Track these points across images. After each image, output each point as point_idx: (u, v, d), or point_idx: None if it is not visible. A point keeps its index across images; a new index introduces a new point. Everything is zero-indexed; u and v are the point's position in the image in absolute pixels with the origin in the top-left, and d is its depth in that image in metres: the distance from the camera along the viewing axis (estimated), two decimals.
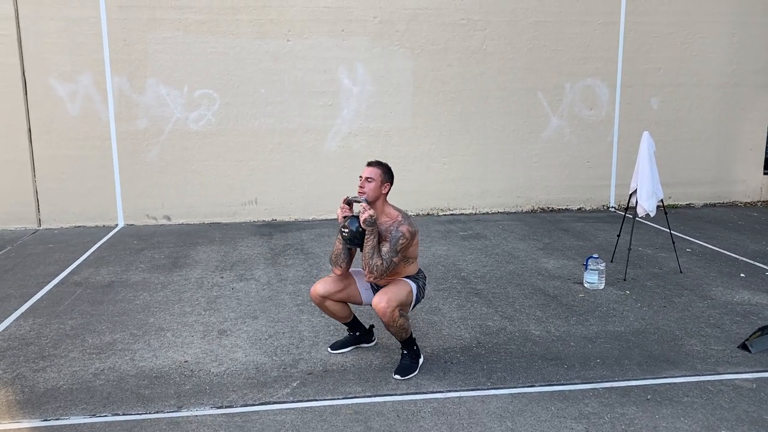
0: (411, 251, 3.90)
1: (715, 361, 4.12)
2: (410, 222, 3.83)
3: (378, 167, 3.88)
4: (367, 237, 3.77)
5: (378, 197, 3.87)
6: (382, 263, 3.73)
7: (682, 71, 9.07)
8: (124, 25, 7.86)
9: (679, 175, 9.30)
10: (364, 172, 3.87)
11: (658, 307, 5.12)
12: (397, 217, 3.85)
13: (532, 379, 3.88)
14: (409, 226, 3.79)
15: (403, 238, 3.76)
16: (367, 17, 8.28)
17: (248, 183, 8.43)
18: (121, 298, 5.38)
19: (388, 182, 3.91)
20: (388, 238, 3.79)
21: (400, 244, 3.75)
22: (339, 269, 3.97)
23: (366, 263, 3.77)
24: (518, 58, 8.66)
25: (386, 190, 3.90)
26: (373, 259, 3.74)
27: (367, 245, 3.76)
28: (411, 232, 3.79)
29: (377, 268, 3.73)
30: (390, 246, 3.75)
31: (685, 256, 6.54)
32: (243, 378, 3.91)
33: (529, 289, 5.58)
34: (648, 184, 5.86)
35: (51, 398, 3.67)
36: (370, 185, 3.83)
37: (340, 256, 3.96)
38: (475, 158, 8.81)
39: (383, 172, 3.88)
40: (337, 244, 3.96)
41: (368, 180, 3.84)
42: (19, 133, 7.87)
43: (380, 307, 3.72)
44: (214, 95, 8.19)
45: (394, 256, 3.75)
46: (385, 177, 3.88)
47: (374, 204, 3.86)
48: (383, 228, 3.84)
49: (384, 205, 3.91)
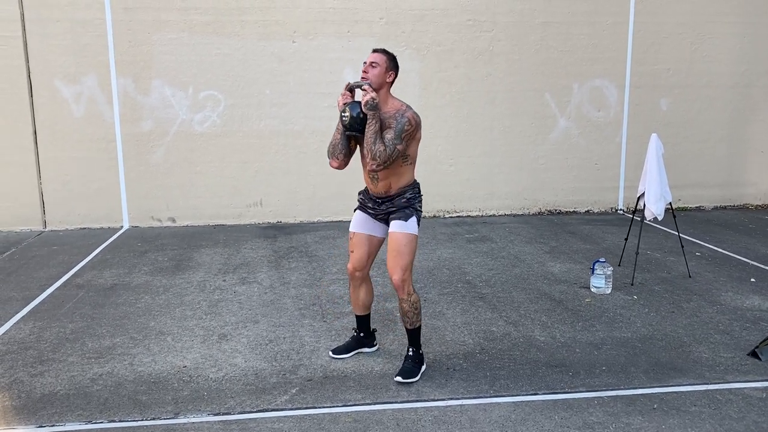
0: (411, 149, 3.75)
1: (723, 369, 4.03)
2: (415, 112, 3.71)
3: (383, 53, 3.74)
4: (369, 122, 3.61)
5: (382, 84, 3.71)
6: (385, 149, 3.58)
7: (691, 72, 8.94)
8: (129, 27, 7.84)
9: (688, 177, 9.18)
10: (369, 57, 3.73)
11: (666, 312, 5.03)
12: (401, 107, 3.72)
13: (535, 387, 3.81)
14: (414, 114, 3.68)
15: (408, 124, 3.63)
16: (373, 18, 8.22)
17: (253, 185, 8.38)
18: (123, 302, 5.35)
19: (393, 70, 3.76)
20: (392, 126, 3.65)
21: (405, 131, 3.63)
22: (336, 161, 3.81)
23: (368, 149, 3.60)
24: (525, 59, 8.57)
25: (391, 78, 3.75)
26: (376, 145, 3.58)
27: (369, 130, 3.60)
28: (416, 121, 3.67)
29: (380, 153, 3.57)
30: (395, 133, 3.62)
31: (695, 260, 6.43)
32: (242, 384, 3.86)
33: (535, 293, 5.50)
34: (656, 187, 5.77)
35: (47, 404, 3.63)
36: (375, 70, 3.68)
37: (338, 146, 3.78)
38: (482, 160, 8.73)
39: (389, 59, 3.74)
40: (335, 134, 3.78)
41: (373, 65, 3.69)
42: (24, 134, 7.87)
43: (395, 279, 3.72)
44: (219, 96, 8.15)
45: (398, 143, 3.61)
46: (390, 64, 3.74)
47: (378, 92, 3.70)
48: (386, 116, 3.69)
49: (387, 95, 3.76)
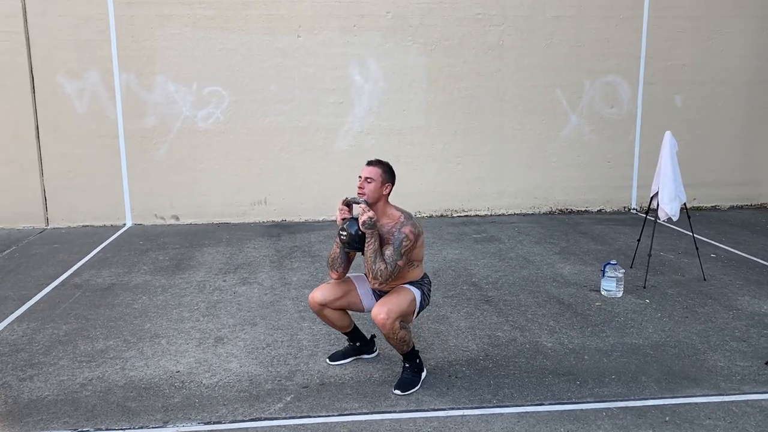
0: (416, 254, 3.67)
1: (740, 379, 3.84)
2: (413, 223, 3.61)
3: (378, 166, 3.66)
4: (367, 240, 3.55)
5: (379, 198, 3.65)
6: (386, 267, 3.51)
7: (707, 68, 8.69)
8: (132, 22, 7.72)
9: (704, 176, 8.93)
10: (363, 171, 3.65)
11: (680, 317, 4.83)
12: (399, 219, 3.63)
13: (541, 397, 3.64)
14: (412, 227, 3.58)
15: (407, 239, 3.54)
16: (379, 12, 8.04)
17: (258, 182, 8.25)
18: (120, 302, 5.23)
19: (390, 182, 3.68)
20: (390, 240, 3.57)
21: (404, 246, 3.54)
22: (336, 273, 3.78)
23: (369, 268, 3.55)
24: (536, 54, 8.36)
25: (387, 190, 3.68)
26: (376, 264, 3.52)
27: (369, 249, 3.54)
28: (415, 234, 3.57)
29: (381, 272, 3.51)
30: (393, 249, 3.54)
31: (710, 262, 6.22)
32: (235, 391, 3.72)
33: (543, 296, 5.32)
34: (670, 187, 5.56)
35: (34, 410, 3.51)
36: (370, 186, 3.61)
37: (337, 260, 3.75)
38: (491, 158, 8.54)
39: (384, 171, 3.66)
40: (334, 248, 3.76)
41: (368, 180, 3.62)
42: (26, 131, 7.77)
43: (379, 318, 3.50)
44: (223, 93, 8.02)
45: (398, 259, 3.53)
46: (386, 177, 3.66)
47: (375, 205, 3.64)
48: (385, 230, 3.62)
49: (385, 206, 3.69)
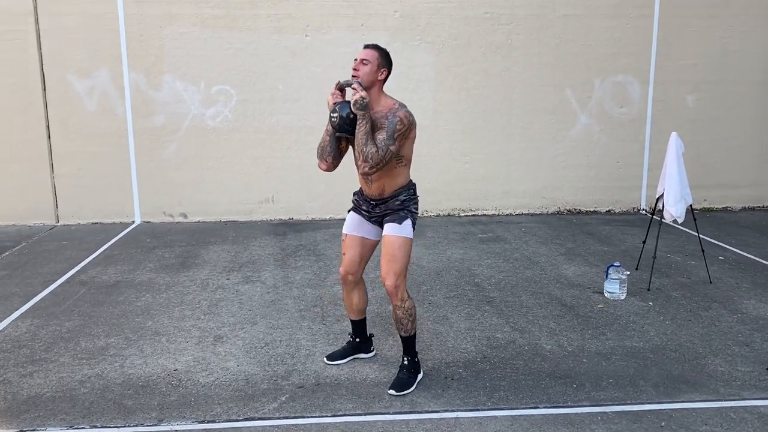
0: (406, 148, 3.58)
1: (740, 385, 3.79)
2: (408, 111, 3.53)
3: (375, 49, 3.57)
4: (359, 122, 3.44)
5: (373, 83, 3.54)
6: (377, 151, 3.42)
7: (720, 67, 8.58)
8: (141, 21, 7.77)
9: (715, 177, 8.82)
10: (359, 54, 3.56)
11: (682, 320, 4.78)
12: (393, 105, 3.55)
13: (536, 400, 3.61)
14: (406, 113, 3.50)
15: (401, 123, 3.46)
16: (387, 11, 8.03)
17: (265, 181, 8.28)
18: (123, 299, 5.27)
19: (386, 68, 3.58)
20: (384, 126, 3.48)
21: (397, 131, 3.46)
22: (324, 163, 3.69)
23: (359, 151, 3.44)
24: (545, 54, 8.31)
25: (383, 75, 3.57)
26: (367, 146, 3.41)
27: (360, 131, 3.44)
28: (409, 119, 3.50)
29: (372, 155, 3.41)
30: (386, 133, 3.45)
31: (717, 265, 6.14)
32: (231, 390, 3.73)
33: (545, 298, 5.29)
34: (676, 188, 5.52)
35: (32, 406, 3.55)
36: (365, 68, 3.51)
37: (326, 148, 3.65)
38: (499, 157, 8.49)
39: (381, 55, 3.56)
40: (324, 135, 3.65)
41: (363, 62, 3.52)
42: (37, 129, 7.86)
43: (388, 284, 3.55)
44: (231, 91, 8.05)
45: (391, 144, 3.44)
46: (382, 61, 3.56)
47: (369, 90, 3.52)
48: (378, 116, 3.52)
49: (380, 94, 3.59)
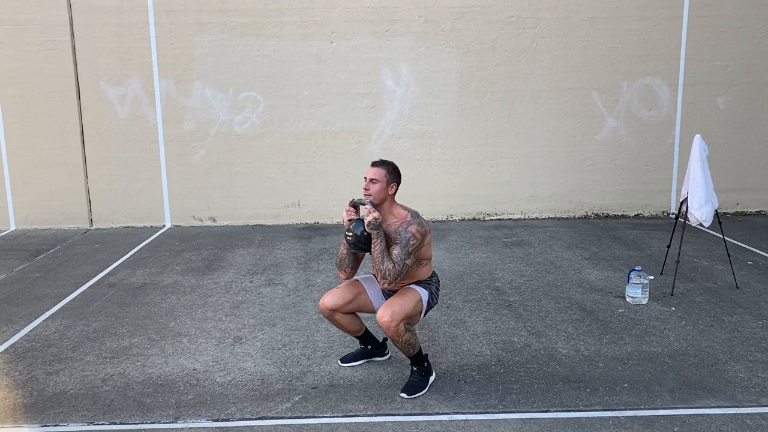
0: (423, 252, 3.69)
1: (759, 391, 3.72)
2: (420, 221, 3.63)
3: (382, 167, 3.69)
4: (374, 241, 3.58)
5: (384, 199, 3.68)
6: (394, 267, 3.54)
7: (752, 68, 8.40)
8: (172, 29, 7.98)
9: (748, 180, 8.63)
10: (368, 173, 3.68)
11: (705, 326, 4.70)
12: (405, 218, 3.65)
13: (548, 404, 3.60)
14: (418, 226, 3.60)
15: (414, 238, 3.56)
16: (411, 17, 8.08)
17: (291, 185, 8.40)
18: (149, 301, 5.42)
19: (395, 182, 3.70)
20: (397, 240, 3.60)
21: (411, 245, 3.56)
22: (344, 274, 3.85)
23: (377, 269, 3.58)
24: (571, 56, 8.25)
25: (393, 190, 3.70)
26: (384, 264, 3.55)
27: (376, 250, 3.58)
28: (421, 232, 3.59)
29: (390, 272, 3.54)
30: (401, 248, 3.56)
31: (745, 270, 6.01)
32: (246, 389, 3.81)
33: (566, 302, 5.25)
34: (701, 191, 5.42)
35: (56, 403, 3.69)
36: (375, 186, 3.64)
37: (345, 261, 3.82)
38: (524, 161, 8.46)
39: (388, 172, 3.68)
40: (342, 249, 3.82)
41: (372, 181, 3.65)
42: (72, 135, 8.13)
43: (384, 321, 3.54)
44: (258, 98, 8.20)
45: (406, 258, 3.55)
46: (390, 177, 3.68)
47: (380, 206, 3.67)
48: (391, 230, 3.65)
49: (392, 206, 3.72)
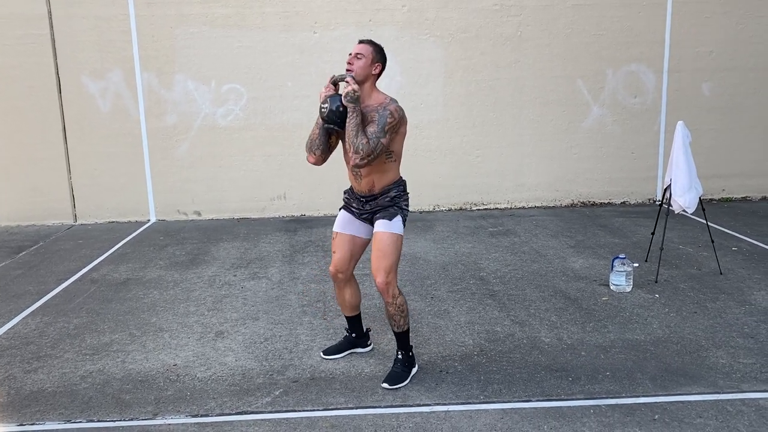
0: (396, 144, 3.58)
1: (740, 377, 3.72)
2: (399, 105, 3.55)
3: (369, 44, 3.59)
4: (349, 115, 3.44)
5: (367, 77, 3.55)
6: (368, 142, 3.42)
7: (737, 54, 8.39)
8: (152, 22, 7.88)
9: (734, 166, 8.64)
10: (354, 48, 3.58)
11: (688, 313, 4.70)
12: (384, 100, 3.56)
13: (530, 393, 3.59)
14: (397, 107, 3.52)
15: (391, 116, 3.47)
16: (395, 6, 8.02)
17: (277, 178, 8.34)
18: (132, 297, 5.37)
19: (380, 62, 3.59)
20: (374, 119, 3.49)
21: (387, 123, 3.46)
22: (313, 156, 3.67)
23: (350, 142, 3.44)
24: (555, 44, 8.21)
25: (377, 70, 3.59)
26: (358, 138, 3.42)
27: (350, 123, 3.44)
28: (399, 114, 3.51)
29: (363, 146, 3.41)
30: (377, 126, 3.47)
31: (730, 256, 6.03)
32: (227, 384, 3.78)
33: (550, 291, 5.25)
34: (684, 178, 5.43)
35: (33, 401, 3.64)
36: (359, 62, 3.52)
37: (315, 141, 3.63)
38: (510, 150, 8.43)
39: (375, 50, 3.59)
40: (314, 128, 3.64)
41: (357, 56, 3.54)
42: (54, 130, 8.03)
43: (378, 281, 3.54)
44: (242, 90, 8.12)
45: (381, 136, 3.45)
46: (376, 56, 3.58)
47: (362, 86, 3.54)
48: (369, 110, 3.52)
49: (372, 88, 3.60)
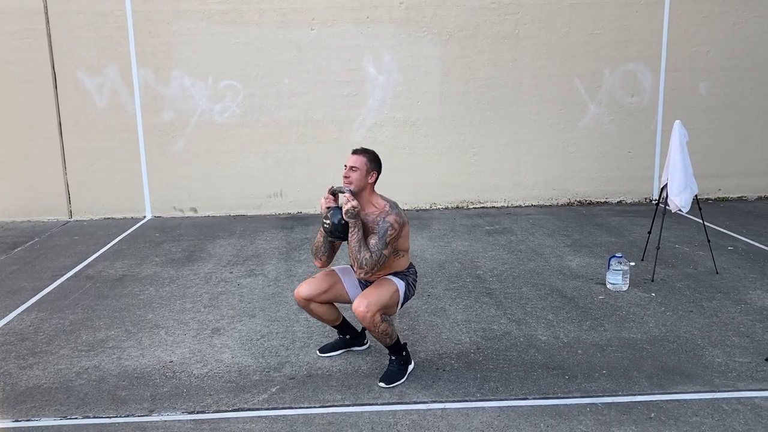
0: (401, 243, 3.66)
1: (736, 376, 3.73)
2: (398, 212, 3.59)
3: (363, 155, 3.64)
4: (351, 230, 3.53)
5: (364, 187, 3.63)
6: (371, 256, 3.50)
7: (734, 54, 8.40)
8: (149, 18, 7.85)
9: (730, 166, 8.66)
10: (348, 160, 3.63)
11: (684, 312, 4.71)
12: (384, 208, 3.61)
13: (526, 391, 3.59)
14: (397, 216, 3.56)
15: (391, 228, 3.52)
16: (393, 3, 8.00)
17: (273, 175, 8.33)
18: (127, 293, 5.35)
19: (375, 171, 3.66)
20: (375, 229, 3.56)
21: (388, 235, 3.52)
22: (319, 262, 3.78)
23: (354, 258, 3.54)
24: (553, 43, 8.21)
25: (373, 179, 3.66)
26: (361, 253, 3.50)
27: (353, 239, 3.53)
28: (399, 223, 3.55)
29: (366, 261, 3.49)
30: (378, 238, 3.53)
31: (725, 255, 6.04)
32: (223, 381, 3.77)
33: (546, 289, 5.25)
34: (680, 178, 5.44)
35: (29, 397, 3.63)
36: (355, 174, 3.60)
37: (320, 249, 3.76)
38: (507, 149, 8.43)
39: (369, 160, 3.64)
40: (318, 237, 3.76)
41: (353, 169, 3.60)
42: (50, 126, 8.00)
43: (359, 311, 3.50)
44: (238, 86, 8.10)
45: (383, 248, 3.52)
46: (371, 165, 3.64)
47: (360, 194, 3.62)
48: (369, 219, 3.61)
49: (371, 195, 3.67)
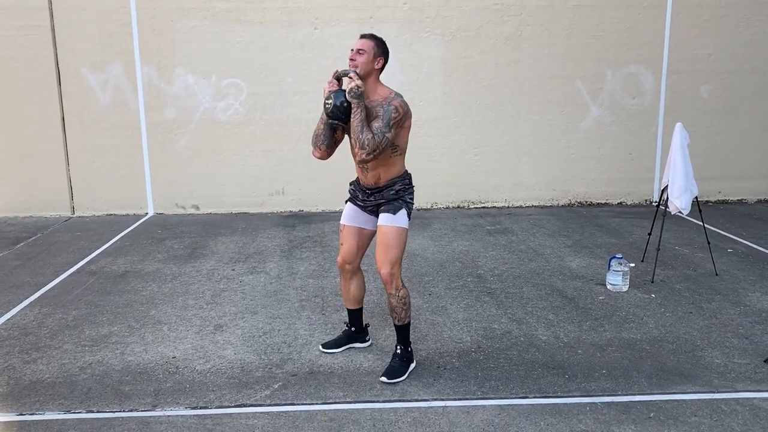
0: (401, 138, 3.60)
1: (734, 377, 3.76)
2: (403, 100, 3.56)
3: (371, 39, 3.59)
4: (354, 111, 3.46)
5: (370, 72, 3.56)
6: (373, 137, 3.42)
7: (736, 57, 8.43)
8: (153, 15, 7.87)
9: (731, 169, 8.69)
10: (355, 44, 3.58)
11: (683, 313, 4.74)
12: (389, 95, 3.56)
13: (526, 390, 3.62)
14: (402, 102, 3.52)
15: (396, 111, 3.47)
16: (396, 3, 8.03)
17: (275, 173, 8.35)
18: (130, 289, 5.38)
19: (382, 56, 3.60)
20: (379, 114, 3.50)
21: (392, 119, 3.46)
22: (318, 150, 3.71)
23: (356, 138, 3.46)
24: (555, 45, 8.24)
25: (379, 65, 3.59)
26: (363, 133, 3.43)
27: (355, 119, 3.46)
28: (404, 108, 3.51)
29: (369, 141, 3.42)
30: (382, 121, 3.47)
31: (725, 257, 6.07)
32: (226, 377, 3.80)
33: (547, 289, 5.28)
34: (681, 180, 5.47)
35: (32, 392, 3.66)
36: (361, 57, 3.53)
37: (320, 136, 3.67)
38: (509, 149, 8.46)
39: (377, 44, 3.59)
40: (319, 123, 3.67)
41: (359, 52, 3.54)
42: (53, 122, 8.02)
43: (383, 273, 3.60)
44: (242, 85, 8.13)
45: (386, 131, 3.45)
46: (378, 50, 3.58)
47: (365, 80, 3.54)
48: (373, 105, 3.53)
49: (376, 83, 3.60)
